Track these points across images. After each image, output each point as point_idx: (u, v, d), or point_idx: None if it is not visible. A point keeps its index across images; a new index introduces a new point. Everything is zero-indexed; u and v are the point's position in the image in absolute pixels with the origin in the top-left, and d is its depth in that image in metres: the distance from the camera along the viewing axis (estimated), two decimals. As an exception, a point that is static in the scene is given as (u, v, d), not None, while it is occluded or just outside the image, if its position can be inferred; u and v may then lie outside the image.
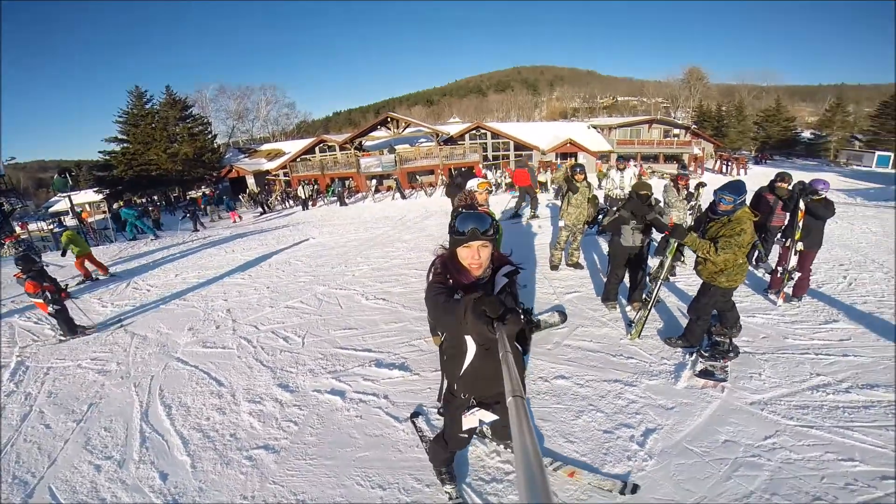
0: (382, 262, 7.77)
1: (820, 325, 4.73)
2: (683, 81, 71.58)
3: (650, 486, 2.50)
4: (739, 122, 42.58)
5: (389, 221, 13.38)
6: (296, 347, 4.64)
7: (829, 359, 3.92)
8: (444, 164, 28.15)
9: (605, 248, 7.69)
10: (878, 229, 9.77)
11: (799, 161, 39.55)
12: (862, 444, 2.76)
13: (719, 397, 3.34)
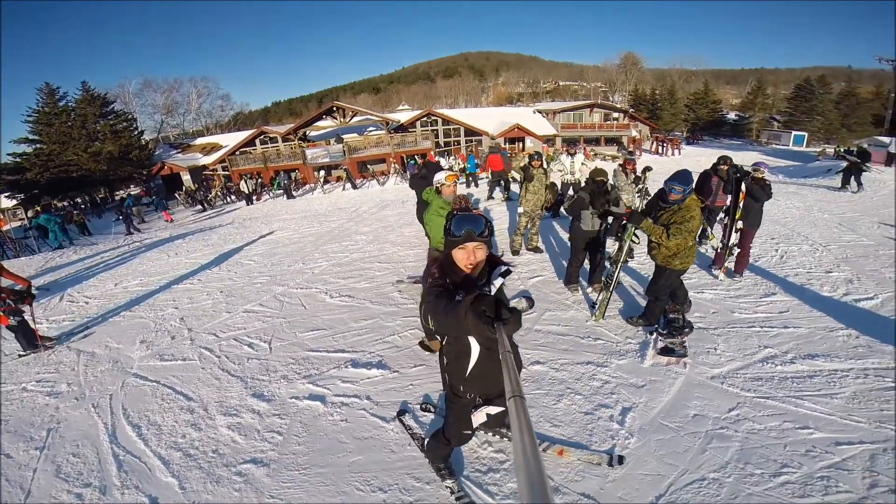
0: (342, 257, 7.50)
1: (761, 298, 5.12)
2: (620, 66, 74.92)
3: (636, 463, 2.63)
4: (672, 105, 45.09)
5: (344, 213, 12.96)
6: (263, 354, 4.39)
7: (772, 331, 4.25)
8: (396, 153, 27.70)
9: (560, 233, 7.93)
10: (799, 204, 10.76)
11: (725, 141, 42.69)
12: (813, 413, 3.01)
13: (683, 373, 3.54)
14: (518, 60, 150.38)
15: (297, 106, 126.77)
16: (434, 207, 3.90)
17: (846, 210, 10.23)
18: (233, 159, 28.77)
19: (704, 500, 2.35)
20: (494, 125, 32.26)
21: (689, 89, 54.01)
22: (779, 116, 42.71)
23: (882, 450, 2.63)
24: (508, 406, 0.79)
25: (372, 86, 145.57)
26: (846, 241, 7.54)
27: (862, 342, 3.96)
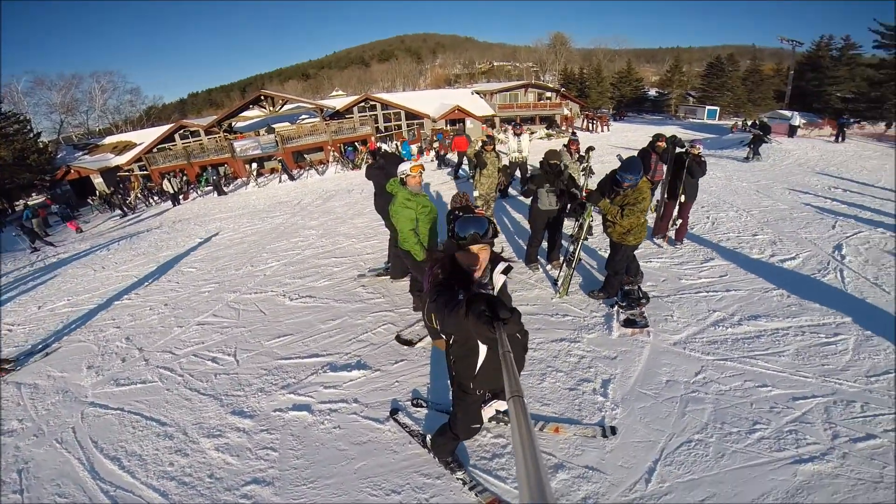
0: (294, 256, 7.12)
1: (702, 263, 5.55)
2: (550, 46, 76.97)
3: (627, 432, 2.79)
4: (599, 84, 47.08)
5: (286, 207, 12.29)
6: (230, 367, 4.10)
7: (717, 295, 4.63)
8: (334, 140, 26.64)
9: (513, 214, 8.07)
10: (721, 174, 11.75)
11: (648, 116, 45.50)
12: (767, 371, 3.34)
13: (648, 342, 3.77)
14: (454, 42, 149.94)
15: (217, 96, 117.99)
16: (400, 199, 3.78)
17: (760, 178, 11.34)
18: (151, 157, 26.20)
19: (696, 461, 2.53)
20: (435, 108, 31.96)
21: (614, 68, 56.68)
22: (694, 92, 45.94)
23: (833, 402, 2.95)
24: (508, 406, 0.80)
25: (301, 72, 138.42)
26: (765, 206, 8.37)
27: (793, 301, 4.42)
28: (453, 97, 34.19)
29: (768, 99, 38.50)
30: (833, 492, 2.30)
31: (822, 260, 5.54)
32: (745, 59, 47.35)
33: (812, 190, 9.96)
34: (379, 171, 4.93)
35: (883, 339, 3.61)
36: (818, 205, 8.47)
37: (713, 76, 41.20)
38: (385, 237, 7.36)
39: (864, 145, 18.83)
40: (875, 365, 3.29)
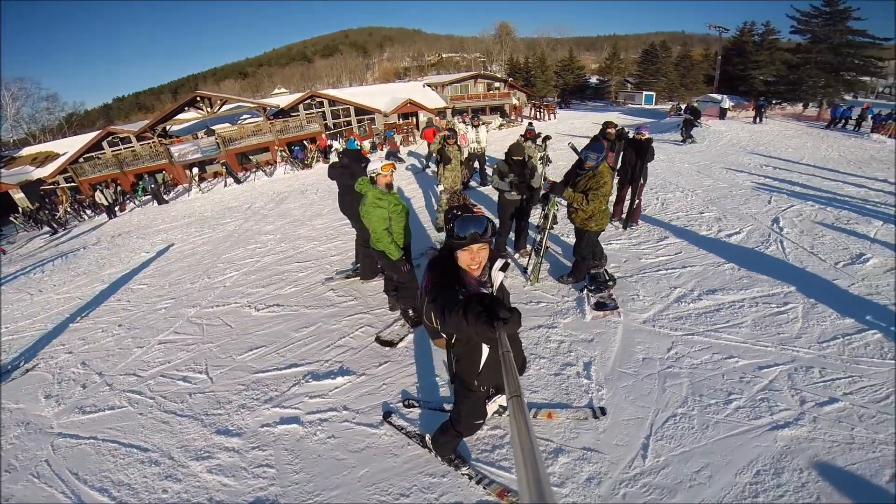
0: (253, 264, 6.80)
1: (657, 242, 5.87)
2: (496, 37, 77.89)
3: (615, 411, 2.91)
4: (543, 73, 48.22)
5: (236, 213, 11.70)
6: (205, 386, 3.87)
7: (675, 272, 4.91)
8: (281, 140, 25.61)
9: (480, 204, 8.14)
10: (664, 157, 12.40)
11: (590, 103, 47.22)
12: (731, 343, 3.58)
13: (620, 322, 3.95)
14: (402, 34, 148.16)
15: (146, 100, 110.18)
16: (370, 199, 3.69)
17: (700, 160, 12.11)
18: (78, 168, 24.00)
19: (684, 434, 2.69)
20: (386, 102, 31.47)
21: (557, 57, 58.18)
22: (631, 79, 48.17)
23: (794, 369, 3.21)
24: (508, 405, 0.81)
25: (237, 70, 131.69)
26: (707, 186, 8.95)
27: (743, 273, 4.78)
28: (404, 91, 33.81)
29: (699, 83, 41.00)
30: (813, 455, 2.50)
31: (764, 233, 6.02)
32: (677, 46, 50.13)
33: (746, 168, 10.78)
34: (343, 171, 4.79)
35: (826, 307, 3.98)
36: (753, 182, 9.17)
37: (648, 62, 43.38)
38: (349, 238, 7.20)
39: (785, 125, 20.53)
40: (824, 331, 3.62)
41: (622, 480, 2.43)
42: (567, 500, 2.35)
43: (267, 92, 54.59)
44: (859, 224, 6.28)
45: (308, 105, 29.84)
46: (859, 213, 6.84)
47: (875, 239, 5.63)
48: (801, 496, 2.26)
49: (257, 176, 20.16)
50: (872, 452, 2.47)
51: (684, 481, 2.39)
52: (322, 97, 30.49)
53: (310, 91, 31.87)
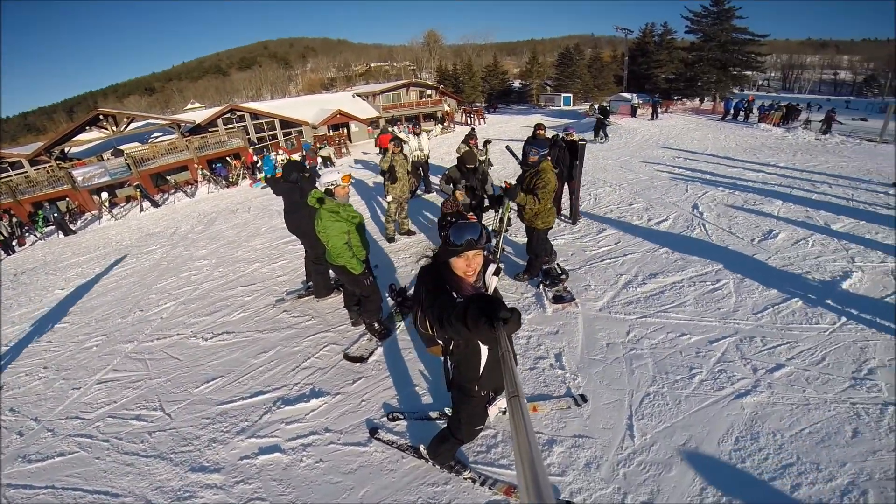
0: (191, 292, 6.26)
1: (598, 235, 6.25)
2: (424, 45, 78.99)
3: (594, 397, 3.04)
4: (471, 79, 49.76)
5: (160, 239, 10.71)
6: (164, 423, 3.49)
7: (618, 260, 5.26)
8: (200, 157, 23.92)
9: (427, 213, 8.16)
10: (588, 155, 13.21)
11: (515, 107, 49.37)
12: (680, 321, 3.88)
13: (579, 312, 4.15)
14: (326, 45, 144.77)
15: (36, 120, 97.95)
16: (326, 213, 3.54)
17: (621, 155, 13.08)
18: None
19: (661, 410, 2.86)
20: (314, 113, 30.60)
21: (482, 63, 60.18)
22: (550, 81, 51.04)
23: (739, 340, 3.54)
24: (508, 406, 0.81)
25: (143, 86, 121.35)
26: (631, 179, 9.70)
27: (677, 256, 5.23)
28: (333, 101, 33.10)
29: (610, 84, 44.44)
30: (779, 418, 2.76)
31: (687, 219, 6.63)
32: (588, 49, 53.94)
33: (661, 161, 11.83)
34: (292, 186, 4.57)
35: (752, 280, 4.47)
36: (669, 173, 10.09)
37: (564, 65, 46.27)
38: (295, 256, 6.89)
39: (687, 119, 22.81)
40: (755, 303, 4.05)
41: (618, 461, 2.54)
42: (573, 487, 2.41)
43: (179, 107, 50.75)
44: (763, 204, 7.14)
45: (228, 119, 28.20)
46: (762, 194, 7.78)
47: (779, 216, 6.43)
48: (783, 457, 2.48)
49: (177, 197, 18.63)
50: (828, 411, 2.76)
51: (675, 455, 2.54)
52: (243, 110, 28.97)
53: (229, 105, 30.16)
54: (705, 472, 2.43)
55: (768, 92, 62.08)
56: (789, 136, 16.55)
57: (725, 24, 29.70)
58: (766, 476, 2.38)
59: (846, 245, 5.22)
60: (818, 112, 23.36)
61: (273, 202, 12.45)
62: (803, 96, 57.62)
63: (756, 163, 11.21)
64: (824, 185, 8.51)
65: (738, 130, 18.19)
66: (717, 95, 30.28)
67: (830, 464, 2.42)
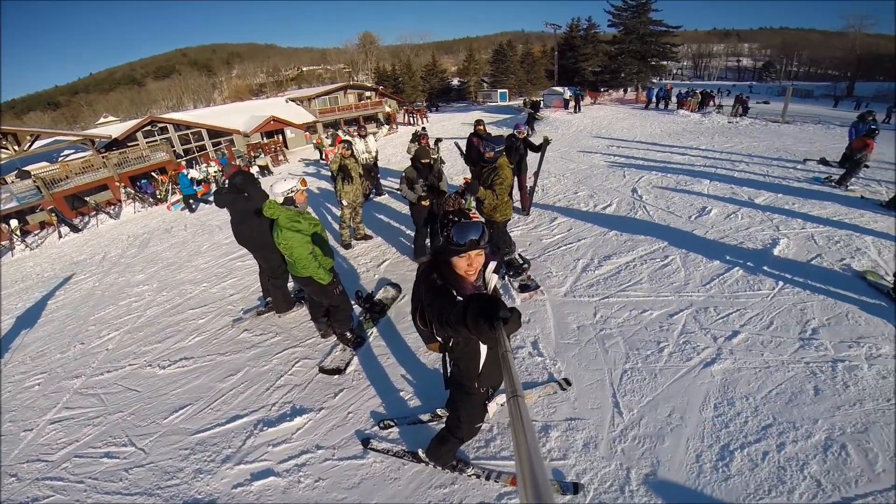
0: (136, 320, 5.73)
1: (551, 223, 6.49)
2: (360, 46, 77.60)
3: (577, 380, 3.13)
4: (411, 79, 49.63)
5: (88, 267, 9.72)
6: (139, 458, 3.18)
7: (573, 246, 5.50)
8: (122, 174, 22.00)
9: (380, 216, 8.05)
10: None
11: (455, 105, 49.88)
12: (639, 298, 4.12)
13: (546, 299, 4.29)
14: (253, 50, 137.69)
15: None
16: (286, 222, 3.35)
17: (559, 147, 13.60)
18: None
19: (641, 386, 3.02)
20: (244, 121, 29.10)
21: (421, 62, 60.19)
22: (487, 78, 52.09)
23: (695, 311, 3.81)
24: (508, 406, 0.82)
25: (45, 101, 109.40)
26: (573, 169, 10.15)
27: (626, 237, 5.56)
28: (265, 107, 31.62)
29: (542, 78, 46.07)
30: (747, 382, 2.98)
31: (629, 202, 7.06)
32: (519, 45, 55.61)
33: (597, 150, 12.49)
34: (237, 196, 4.26)
35: (696, 254, 4.85)
36: (606, 161, 10.68)
37: (499, 62, 47.50)
38: (246, 273, 6.54)
39: (615, 109, 24.21)
40: (702, 276, 4.39)
41: (613, 439, 2.65)
42: (577, 469, 2.48)
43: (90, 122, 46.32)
44: (694, 184, 7.75)
45: (149, 132, 26.19)
46: (691, 175, 8.44)
47: (708, 195, 7.02)
48: (761, 419, 2.69)
49: (100, 220, 17.02)
50: (788, 372, 3.03)
51: (664, 427, 2.69)
52: (165, 122, 27.01)
53: (148, 116, 27.98)
54: (696, 440, 2.59)
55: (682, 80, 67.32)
56: (706, 120, 18.07)
57: (643, 16, 31.79)
58: (752, 438, 2.56)
59: (770, 216, 5.82)
60: (728, 97, 25.67)
61: (211, 217, 11.72)
62: (712, 83, 63.09)
63: (681, 146, 12.15)
64: (742, 163, 9.40)
65: (661, 117, 19.58)
66: (639, 85, 32.38)
67: (804, 421, 2.64)
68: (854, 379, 2.92)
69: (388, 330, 4.19)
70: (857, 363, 3.05)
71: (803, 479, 2.31)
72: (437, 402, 3.05)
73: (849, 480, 2.28)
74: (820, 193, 6.82)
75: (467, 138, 8.10)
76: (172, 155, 24.47)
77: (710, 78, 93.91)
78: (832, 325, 3.46)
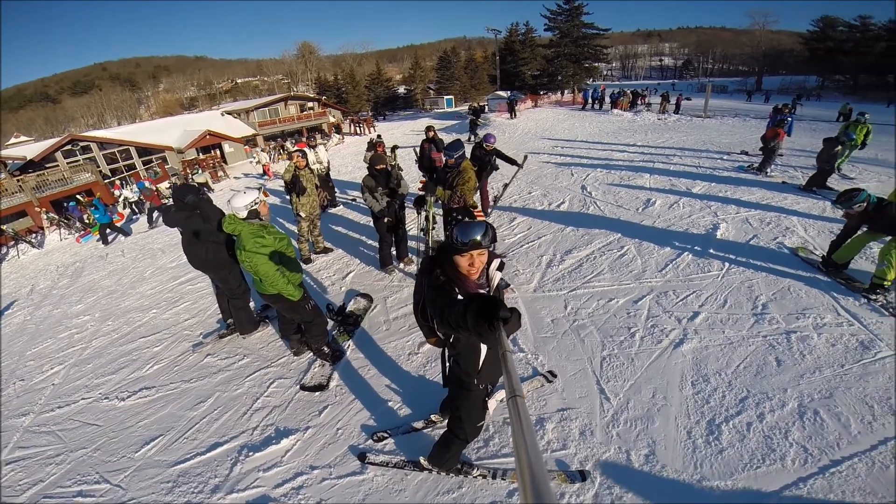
0: (80, 352, 5.23)
1: (511, 224, 6.69)
2: (298, 57, 75.54)
3: (561, 371, 3.24)
4: (354, 88, 49.02)
5: (16, 300, 8.76)
6: (116, 495, 2.90)
7: (535, 243, 5.69)
8: (42, 199, 20.06)
9: (337, 228, 7.88)
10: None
11: (402, 112, 49.90)
12: (604, 288, 4.32)
13: (517, 296, 4.42)
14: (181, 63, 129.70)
15: None
16: (249, 238, 3.17)
17: (508, 149, 13.81)
18: None
19: (621, 371, 3.16)
20: (177, 136, 27.46)
21: (365, 71, 59.62)
22: (432, 85, 52.56)
23: (656, 296, 4.05)
24: (508, 406, 0.81)
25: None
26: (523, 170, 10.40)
27: (583, 232, 5.85)
28: (199, 122, 30.02)
29: (485, 83, 47.12)
30: (716, 359, 3.19)
31: (580, 199, 7.41)
32: (462, 51, 56.63)
33: (544, 151, 12.98)
34: (190, 214, 3.97)
35: (648, 243, 5.18)
36: (553, 161, 11.13)
37: (444, 68, 48.12)
38: (199, 296, 6.17)
39: (556, 111, 25.20)
40: (657, 262, 4.71)
41: (606, 424, 2.75)
42: (579, 457, 2.55)
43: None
44: (636, 179, 8.27)
45: (69, 152, 24.08)
46: (632, 171, 9.00)
47: (651, 188, 7.52)
48: (736, 392, 2.88)
49: (21, 250, 15.35)
50: (749, 347, 3.28)
51: (651, 408, 2.82)
52: (87, 140, 24.94)
53: (68, 135, 25.69)
54: (683, 418, 2.74)
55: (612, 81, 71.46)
56: (637, 118, 19.32)
57: (576, 20, 33.45)
58: (733, 411, 2.74)
59: (708, 203, 6.34)
60: (655, 95, 27.51)
61: (152, 240, 10.96)
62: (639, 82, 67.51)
63: (619, 144, 12.90)
64: (676, 157, 10.14)
65: (598, 117, 20.66)
66: (575, 87, 33.98)
67: (775, 391, 2.86)
68: (808, 348, 3.21)
69: (365, 341, 4.12)
70: (807, 333, 3.36)
71: (790, 446, 2.47)
72: (427, 409, 3.04)
73: (831, 444, 2.46)
74: (746, 181, 7.52)
75: (420, 145, 8.19)
76: (99, 175, 22.62)
77: (636, 77, 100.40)
78: (778, 300, 3.82)
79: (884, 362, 3.01)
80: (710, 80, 43.04)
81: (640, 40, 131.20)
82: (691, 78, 72.22)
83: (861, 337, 3.28)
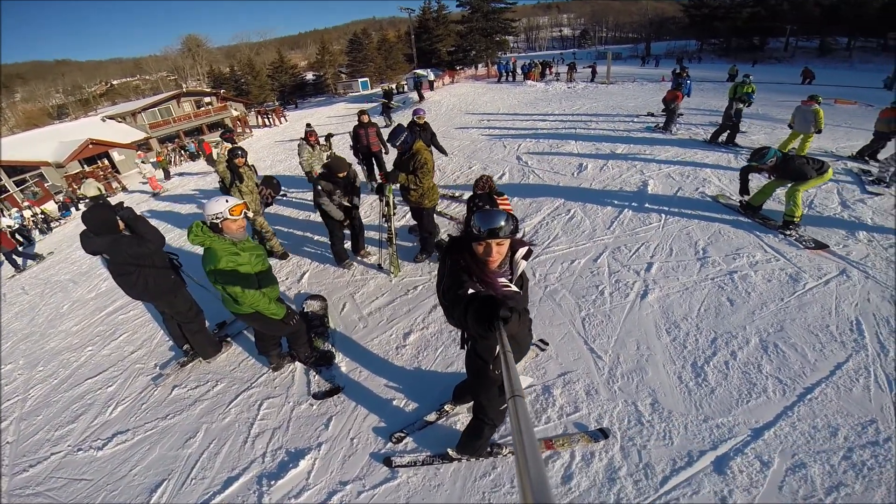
0: (22, 405, 4.53)
1: (460, 202, 6.77)
2: (183, 51, 67.98)
3: (550, 339, 3.36)
4: (255, 79, 45.57)
5: None
6: None
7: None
8: None
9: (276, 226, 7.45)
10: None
11: (313, 100, 47.50)
12: (560, 252, 4.57)
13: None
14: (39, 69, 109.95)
15: None
16: (222, 256, 2.86)
17: (437, 127, 13.55)
18: None
19: (601, 328, 3.37)
20: (53, 149, 23.91)
21: (265, 60, 55.47)
22: (344, 69, 50.43)
23: (612, 252, 4.36)
24: (508, 406, 0.81)
25: None
26: (458, 146, 10.60)
27: (529, 200, 6.18)
28: (76, 131, 26.26)
29: (401, 62, 46.25)
30: (679, 305, 3.48)
31: (518, 169, 7.72)
32: (373, 32, 54.77)
33: (472, 125, 13.19)
34: (119, 238, 3.46)
35: (591, 204, 5.58)
36: (483, 135, 11.37)
37: (355, 51, 46.40)
38: (138, 324, 5.57)
39: (473, 86, 25.50)
40: (603, 221, 5.09)
41: (606, 381, 2.93)
42: (593, 416, 2.70)
43: None
44: (564, 146, 8.78)
45: (-86, 180, 20.06)
46: (559, 138, 9.52)
47: (580, 153, 8.04)
48: (706, 335, 3.16)
49: None
50: (703, 290, 3.61)
51: (640, 359, 3.04)
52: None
53: None
54: (670, 364, 2.97)
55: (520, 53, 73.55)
56: (550, 88, 20.23)
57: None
58: (709, 352, 3.01)
59: (633, 163, 6.95)
60: (562, 65, 28.87)
61: (55, 271, 9.59)
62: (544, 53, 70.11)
63: (540, 114, 13.49)
64: (592, 122, 10.87)
65: (514, 89, 21.29)
66: (488, 61, 34.60)
67: (737, 329, 3.17)
68: (750, 286, 3.62)
69: (345, 344, 3.98)
70: (745, 272, 3.81)
71: (766, 379, 2.76)
72: (432, 399, 3.03)
73: (798, 373, 2.75)
74: (659, 140, 8.32)
75: (353, 130, 7.95)
76: (-40, 204, 19.15)
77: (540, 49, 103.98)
78: (714, 242, 4.33)
79: (813, 293, 3.48)
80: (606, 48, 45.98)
81: (541, 12, 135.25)
82: (589, 47, 76.28)
83: (788, 271, 3.77)
